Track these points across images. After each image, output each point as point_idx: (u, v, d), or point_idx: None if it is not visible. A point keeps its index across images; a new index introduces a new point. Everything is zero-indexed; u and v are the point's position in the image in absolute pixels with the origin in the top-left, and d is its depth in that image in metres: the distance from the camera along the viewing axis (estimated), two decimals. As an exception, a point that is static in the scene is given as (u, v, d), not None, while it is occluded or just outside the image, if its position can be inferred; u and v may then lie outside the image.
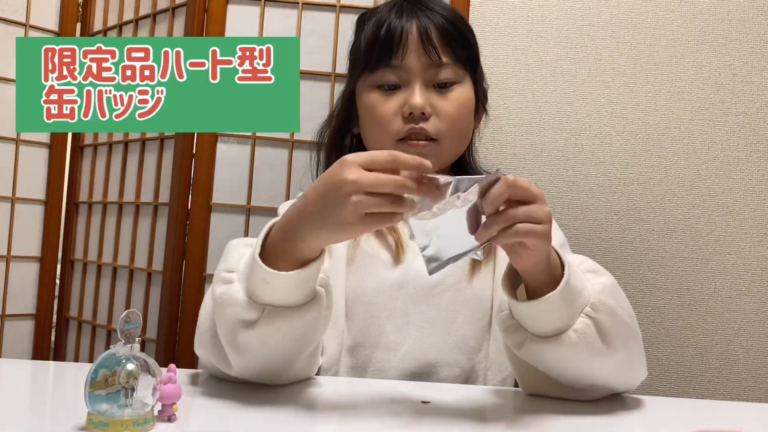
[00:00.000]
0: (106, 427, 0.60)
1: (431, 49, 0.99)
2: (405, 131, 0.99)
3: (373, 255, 0.99)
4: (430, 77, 1.00)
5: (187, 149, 1.29)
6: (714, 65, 1.36)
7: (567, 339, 0.75)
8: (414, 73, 1.00)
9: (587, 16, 1.37)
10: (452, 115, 1.01)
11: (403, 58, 0.99)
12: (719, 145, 1.36)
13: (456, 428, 0.72)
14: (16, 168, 1.45)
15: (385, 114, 1.00)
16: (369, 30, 1.04)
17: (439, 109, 1.00)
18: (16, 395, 0.80)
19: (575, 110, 1.37)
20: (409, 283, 0.97)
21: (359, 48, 1.05)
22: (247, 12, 1.31)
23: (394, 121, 1.00)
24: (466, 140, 1.06)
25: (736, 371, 1.35)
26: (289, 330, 0.75)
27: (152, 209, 1.37)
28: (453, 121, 1.01)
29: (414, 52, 0.99)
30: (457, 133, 1.03)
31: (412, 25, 1.00)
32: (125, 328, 0.62)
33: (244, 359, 0.78)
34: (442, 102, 1.00)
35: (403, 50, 0.99)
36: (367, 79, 1.03)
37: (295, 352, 0.80)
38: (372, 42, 1.02)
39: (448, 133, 1.01)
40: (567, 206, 1.36)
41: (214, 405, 0.77)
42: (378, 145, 1.02)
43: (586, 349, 0.76)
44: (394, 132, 1.00)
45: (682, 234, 1.35)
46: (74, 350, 1.51)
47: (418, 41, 0.99)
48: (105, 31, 1.52)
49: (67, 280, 1.54)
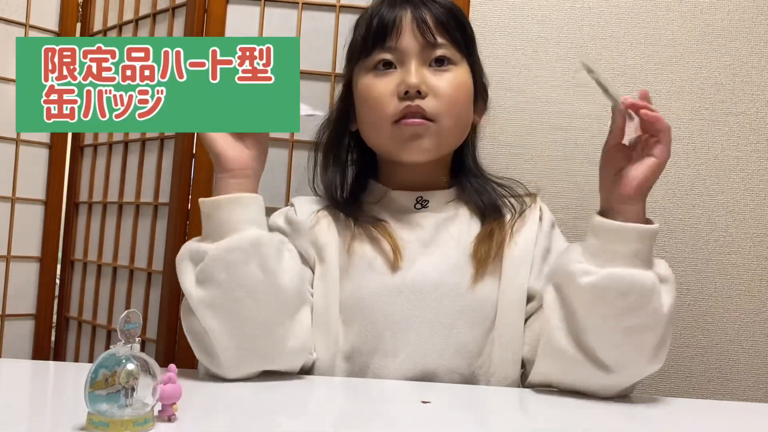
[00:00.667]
0: (106, 427, 0.60)
1: (426, 29, 0.99)
2: (401, 110, 0.97)
3: (369, 261, 0.98)
4: (426, 57, 0.99)
5: (187, 149, 1.29)
6: (714, 65, 1.36)
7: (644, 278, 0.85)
8: (409, 53, 0.99)
9: (587, 16, 1.37)
10: (449, 94, 0.99)
11: (398, 39, 0.99)
12: (719, 145, 1.36)
13: (456, 428, 0.72)
14: (16, 168, 1.45)
15: (380, 94, 0.99)
16: (363, 23, 1.04)
17: (435, 88, 0.98)
18: (16, 395, 0.80)
19: (575, 110, 1.37)
20: (407, 287, 0.96)
21: (354, 43, 1.06)
22: (247, 12, 1.31)
23: (390, 102, 0.98)
24: (464, 128, 1.04)
25: (736, 371, 1.35)
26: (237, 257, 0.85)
27: (152, 209, 1.37)
28: (450, 101, 0.99)
29: (409, 33, 0.99)
30: (455, 114, 1.00)
31: (407, 11, 1.00)
32: (125, 328, 0.62)
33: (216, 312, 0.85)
34: (438, 80, 0.99)
35: (398, 32, 0.99)
36: (362, 66, 1.02)
37: (259, 291, 0.85)
38: (366, 31, 1.02)
39: (446, 113, 0.99)
40: (567, 206, 1.36)
41: (214, 405, 0.77)
42: (374, 130, 1.01)
43: (639, 302, 0.85)
44: (390, 113, 0.98)
45: (682, 234, 1.35)
46: (74, 350, 1.51)
47: (412, 23, 0.99)
48: (105, 31, 1.52)
49: (67, 280, 1.54)
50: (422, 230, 1.00)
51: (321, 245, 0.99)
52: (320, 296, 0.95)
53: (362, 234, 0.99)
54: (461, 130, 1.04)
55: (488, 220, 1.01)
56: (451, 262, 0.97)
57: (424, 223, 1.01)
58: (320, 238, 0.99)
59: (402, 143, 0.99)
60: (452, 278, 0.96)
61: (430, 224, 1.01)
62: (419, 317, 0.95)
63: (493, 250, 0.97)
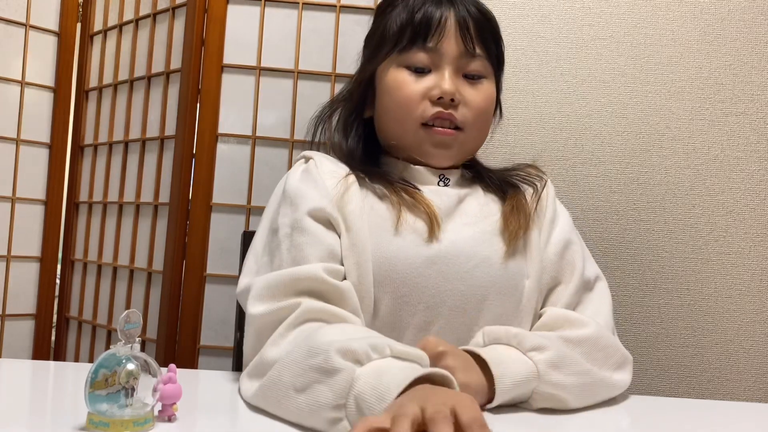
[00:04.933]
0: (107, 427, 0.60)
1: (468, 37, 0.98)
2: (431, 115, 0.96)
3: (406, 228, 0.93)
4: (462, 66, 0.99)
5: (187, 149, 1.29)
6: (714, 65, 1.36)
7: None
8: (447, 59, 0.98)
9: (587, 16, 1.37)
10: (480, 107, 0.99)
11: (439, 41, 0.97)
12: (719, 145, 1.36)
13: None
14: (16, 168, 1.45)
15: (411, 95, 0.97)
16: (402, 13, 1.01)
17: (467, 99, 0.98)
18: (16, 395, 0.80)
19: (575, 110, 1.37)
20: (441, 259, 0.93)
21: (386, 30, 1.02)
22: (247, 12, 1.31)
23: (420, 103, 0.97)
24: (483, 139, 1.05)
25: (736, 371, 1.35)
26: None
27: (152, 209, 1.37)
28: (480, 113, 0.99)
29: (451, 38, 0.98)
30: (481, 127, 1.01)
31: (450, 12, 0.99)
32: (125, 328, 0.62)
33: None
34: (471, 92, 0.99)
35: (440, 33, 0.98)
36: (394, 59, 1.00)
37: None
38: (406, 23, 0.99)
39: (474, 124, 0.99)
40: (567, 206, 1.36)
41: (214, 405, 0.77)
42: (399, 128, 0.99)
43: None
44: (419, 115, 0.97)
45: (682, 234, 1.35)
46: (74, 350, 1.51)
47: (455, 27, 0.98)
48: (105, 31, 1.52)
49: (67, 280, 1.54)
50: (450, 203, 0.99)
51: (348, 212, 0.94)
52: (352, 266, 0.91)
53: (396, 201, 0.95)
54: (483, 140, 1.05)
55: (509, 196, 1.01)
56: (479, 235, 0.96)
57: (449, 197, 1.00)
58: (348, 205, 0.94)
59: (428, 148, 0.99)
60: (484, 251, 0.94)
61: (454, 199, 1.00)
62: (452, 290, 0.92)
63: (522, 224, 0.97)
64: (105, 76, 1.52)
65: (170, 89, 1.36)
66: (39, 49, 1.49)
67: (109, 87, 1.50)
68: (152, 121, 1.40)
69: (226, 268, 1.29)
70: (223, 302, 1.30)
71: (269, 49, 1.31)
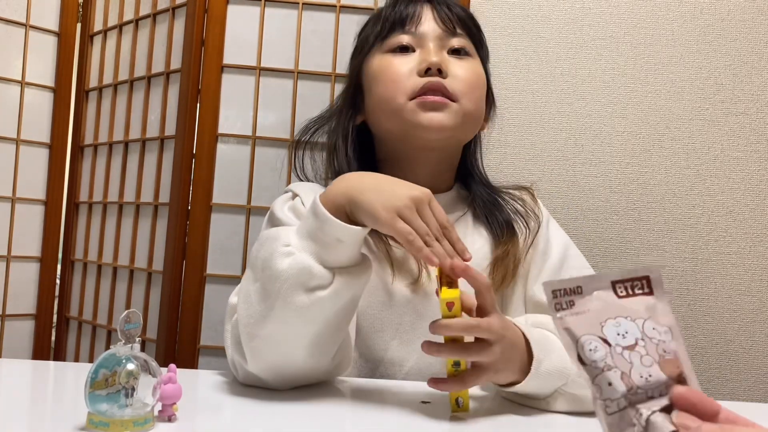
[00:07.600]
0: (107, 427, 0.60)
1: (447, 19, 0.98)
2: (421, 86, 0.94)
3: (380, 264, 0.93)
4: (445, 44, 0.98)
5: (187, 149, 1.29)
6: (714, 65, 1.36)
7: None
8: (429, 37, 0.98)
9: (587, 16, 1.37)
10: (470, 79, 0.97)
11: (419, 25, 0.98)
12: (719, 145, 1.36)
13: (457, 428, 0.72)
14: (16, 168, 1.45)
15: (399, 71, 0.96)
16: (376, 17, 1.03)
17: (455, 72, 0.96)
18: (16, 395, 0.80)
19: (575, 110, 1.37)
20: (416, 296, 0.93)
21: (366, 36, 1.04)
22: (247, 12, 1.31)
23: (408, 78, 0.95)
24: (479, 121, 1.02)
25: (736, 371, 1.35)
26: (359, 288, 0.80)
27: (152, 209, 1.37)
28: (470, 85, 0.97)
29: (430, 21, 0.99)
30: (474, 99, 0.98)
31: (425, 6, 1.00)
32: (125, 328, 0.62)
33: (309, 328, 0.78)
34: (458, 65, 0.97)
35: (418, 18, 0.98)
36: (378, 49, 1.00)
37: (348, 318, 0.83)
38: (384, 19, 1.00)
39: (467, 94, 0.96)
40: (567, 206, 1.36)
41: (214, 405, 0.77)
42: (390, 106, 0.96)
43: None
44: (408, 89, 0.95)
45: (682, 234, 1.35)
46: (74, 350, 1.51)
47: (432, 12, 0.99)
48: (105, 31, 1.52)
49: (67, 280, 1.54)
50: None
51: None
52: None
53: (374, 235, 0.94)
54: (476, 121, 1.01)
55: (503, 241, 0.98)
56: None
57: None
58: None
59: (421, 116, 0.94)
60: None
61: None
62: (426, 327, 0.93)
63: (509, 274, 0.96)
64: (105, 76, 1.52)
65: (170, 89, 1.36)
66: (39, 49, 1.49)
67: (109, 87, 1.50)
68: (152, 121, 1.40)
69: (226, 268, 1.29)
70: (223, 302, 1.29)
71: (269, 49, 1.31)
